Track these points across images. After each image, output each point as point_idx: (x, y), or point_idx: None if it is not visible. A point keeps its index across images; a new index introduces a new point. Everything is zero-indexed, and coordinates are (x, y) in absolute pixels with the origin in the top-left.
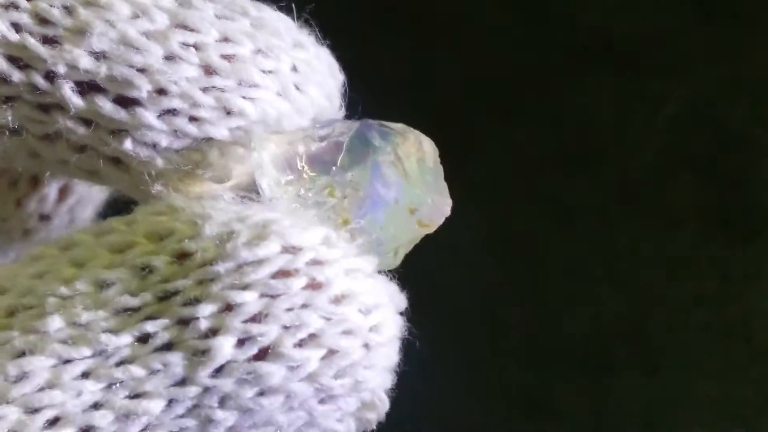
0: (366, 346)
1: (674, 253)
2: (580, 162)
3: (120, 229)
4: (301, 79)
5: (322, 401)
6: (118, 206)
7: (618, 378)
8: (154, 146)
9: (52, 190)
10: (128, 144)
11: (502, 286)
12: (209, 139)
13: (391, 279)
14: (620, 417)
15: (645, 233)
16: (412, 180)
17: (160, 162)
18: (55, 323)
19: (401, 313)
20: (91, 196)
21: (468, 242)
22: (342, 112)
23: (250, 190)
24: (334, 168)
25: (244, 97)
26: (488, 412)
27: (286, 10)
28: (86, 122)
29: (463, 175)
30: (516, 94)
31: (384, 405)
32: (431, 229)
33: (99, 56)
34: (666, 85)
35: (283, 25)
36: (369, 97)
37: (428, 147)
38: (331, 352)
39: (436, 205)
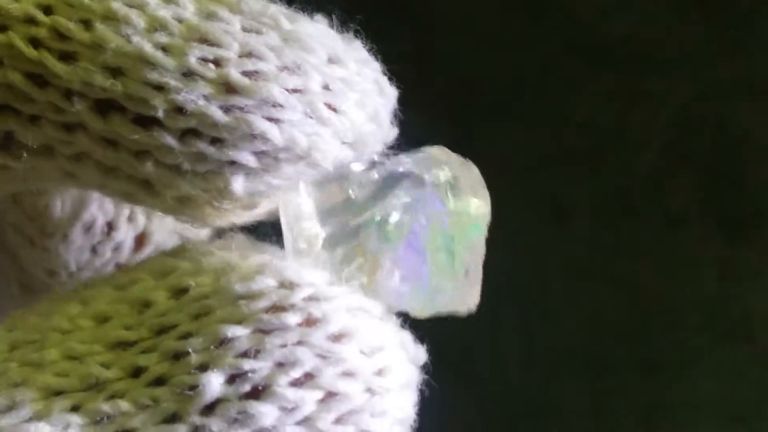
0: (369, 390)
1: (674, 253)
2: (579, 162)
3: (126, 269)
4: (334, 98)
5: None
6: None
7: (618, 378)
8: (177, 169)
9: (128, 238)
10: (150, 166)
11: (502, 286)
12: (234, 164)
13: (403, 327)
14: (620, 417)
15: (645, 233)
16: (443, 264)
17: (184, 186)
18: (51, 356)
19: (421, 368)
20: (169, 246)
21: None
22: (394, 132)
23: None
24: (365, 226)
25: (267, 119)
26: (488, 412)
27: (336, 20)
28: (111, 143)
29: None
30: (516, 94)
31: None
32: (455, 314)
33: (115, 73)
34: (666, 85)
35: (319, 39)
36: None
37: (482, 221)
38: (330, 395)
39: (461, 299)
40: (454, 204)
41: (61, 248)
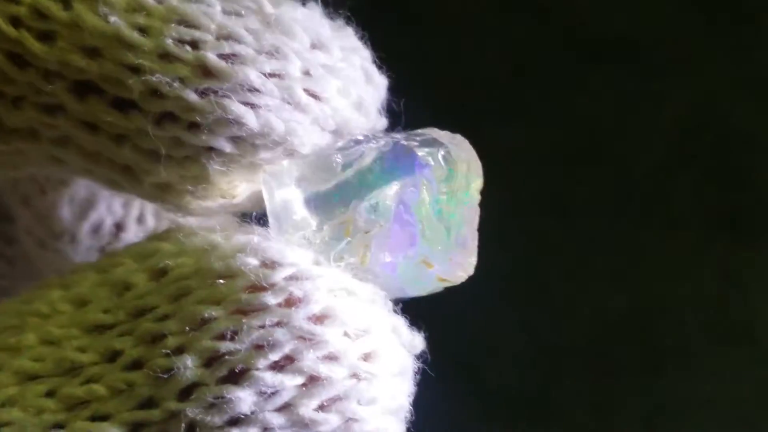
0: (355, 376)
1: (676, 254)
2: (581, 161)
3: (110, 253)
4: (315, 84)
5: None
6: None
7: (619, 379)
8: (155, 154)
9: (137, 240)
10: (128, 150)
11: (503, 285)
12: (211, 150)
13: (397, 312)
14: (621, 417)
15: (647, 233)
16: (434, 230)
17: (162, 172)
18: (28, 340)
19: (417, 357)
20: None
21: None
22: (382, 122)
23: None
24: (354, 201)
25: (243, 103)
26: (488, 413)
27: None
28: (91, 126)
29: None
30: (516, 93)
31: None
32: (454, 283)
33: (93, 53)
34: (668, 85)
35: (302, 24)
36: None
37: (474, 191)
38: (312, 380)
39: (457, 263)
40: (446, 176)
41: (70, 250)
